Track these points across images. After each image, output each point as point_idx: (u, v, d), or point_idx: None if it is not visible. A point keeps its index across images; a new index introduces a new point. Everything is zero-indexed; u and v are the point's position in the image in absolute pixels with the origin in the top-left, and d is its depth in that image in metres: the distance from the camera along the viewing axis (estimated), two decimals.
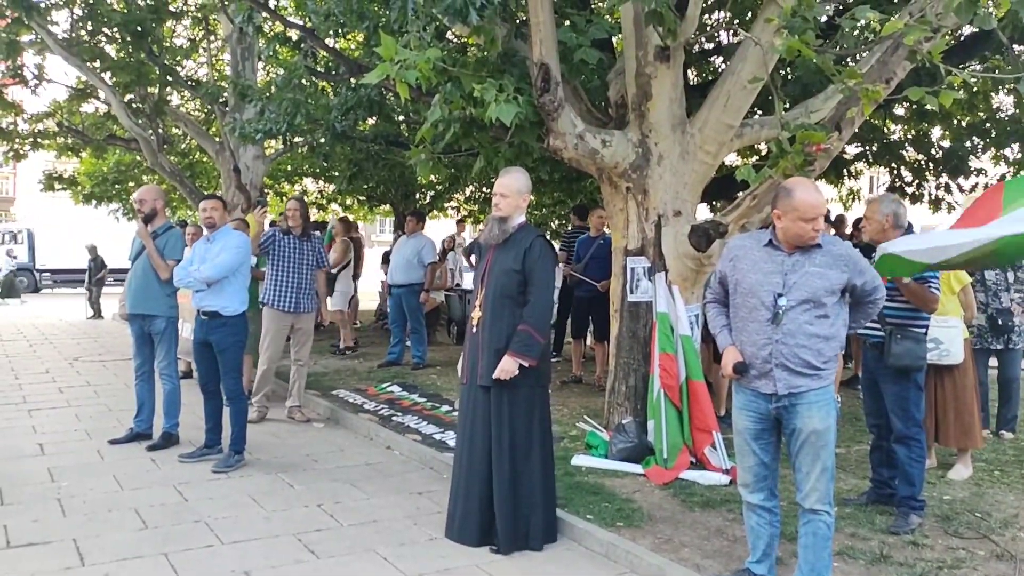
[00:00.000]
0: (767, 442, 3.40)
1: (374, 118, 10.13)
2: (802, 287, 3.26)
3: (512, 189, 4.18)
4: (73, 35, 11.75)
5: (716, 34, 8.90)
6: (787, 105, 6.36)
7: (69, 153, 15.30)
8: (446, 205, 14.99)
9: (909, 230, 4.48)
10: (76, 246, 20.77)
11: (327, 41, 9.30)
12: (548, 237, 4.27)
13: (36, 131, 14.41)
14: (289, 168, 15.67)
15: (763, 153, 9.70)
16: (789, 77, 7.61)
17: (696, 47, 8.79)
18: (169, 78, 12.16)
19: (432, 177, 8.74)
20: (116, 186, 16.36)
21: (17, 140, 14.21)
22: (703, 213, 6.77)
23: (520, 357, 3.99)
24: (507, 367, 3.97)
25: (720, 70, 8.18)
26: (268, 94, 9.50)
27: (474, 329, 4.21)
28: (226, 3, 11.21)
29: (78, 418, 7.03)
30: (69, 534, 4.23)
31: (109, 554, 3.98)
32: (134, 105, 12.50)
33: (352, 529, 4.39)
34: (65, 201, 19.03)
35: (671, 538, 4.11)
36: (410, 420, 6.59)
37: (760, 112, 7.87)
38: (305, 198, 17.13)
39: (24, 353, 11.18)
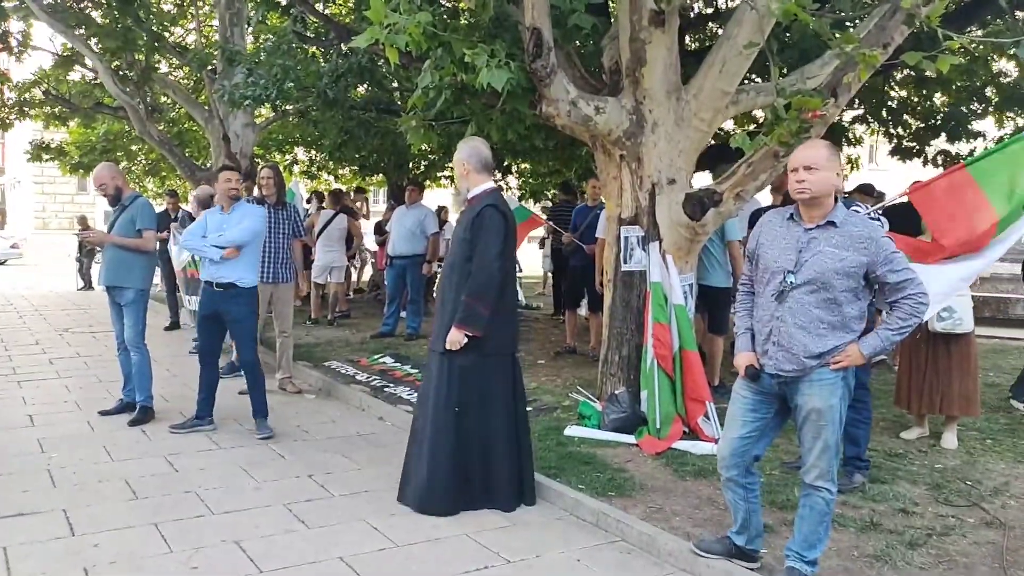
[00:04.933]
0: (759, 418, 3.30)
1: (365, 85, 10.02)
2: (812, 266, 3.09)
3: (456, 160, 4.32)
4: (58, 0, 11.54)
5: None
6: (784, 71, 6.28)
7: (56, 123, 15.12)
8: (439, 175, 14.85)
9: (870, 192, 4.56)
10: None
11: (317, 6, 9.17)
12: (505, 205, 4.23)
13: (22, 99, 14.21)
14: (280, 137, 15.51)
15: (760, 120, 9.62)
16: (787, 42, 7.50)
17: (692, 12, 8.67)
18: (157, 44, 11.97)
19: (425, 146, 8.62)
20: (105, 155, 16.15)
21: (4, 109, 14.02)
22: (702, 180, 6.69)
23: (464, 328, 4.04)
24: (453, 338, 4.06)
25: (717, 35, 8.06)
26: (257, 60, 9.34)
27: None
28: None
29: (68, 389, 6.99)
30: (59, 504, 4.21)
31: (99, 524, 3.96)
32: (121, 72, 12.32)
33: (343, 499, 4.38)
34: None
35: (662, 507, 4.11)
36: (402, 391, 6.57)
37: (757, 78, 7.78)
38: (296, 167, 17.11)
39: (14, 325, 11.11)
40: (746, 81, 6.47)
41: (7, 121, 14.49)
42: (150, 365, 5.98)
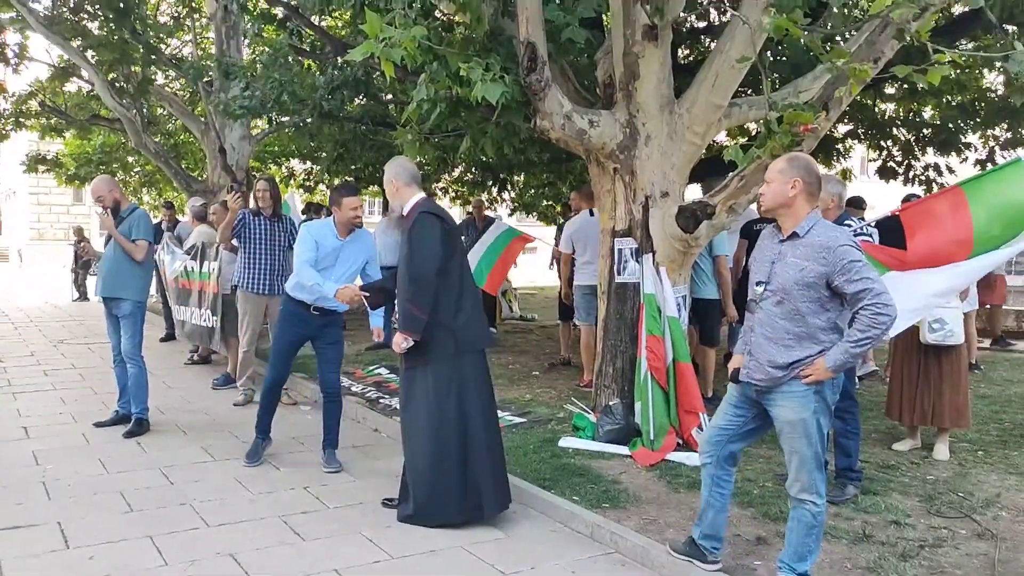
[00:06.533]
0: (739, 415, 3.41)
1: (361, 98, 10.06)
2: (777, 277, 3.20)
3: (385, 180, 4.47)
4: (55, 12, 11.59)
5: (706, 12, 8.85)
6: (776, 84, 6.34)
7: (52, 134, 15.14)
8: (434, 186, 14.90)
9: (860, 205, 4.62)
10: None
11: (313, 19, 9.21)
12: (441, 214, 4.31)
13: (18, 111, 14.23)
14: (276, 149, 15.56)
15: (752, 133, 9.68)
16: (779, 57, 7.57)
17: (685, 26, 8.74)
18: (153, 57, 12.01)
19: (419, 158, 8.68)
20: (101, 167, 16.18)
21: (0, 120, 14.05)
22: (693, 193, 6.74)
23: (405, 332, 4.12)
24: (396, 341, 4.15)
25: (709, 49, 8.14)
26: (253, 72, 9.38)
27: None
28: None
29: (63, 401, 6.99)
30: (54, 517, 4.22)
31: (94, 537, 3.96)
32: (118, 84, 12.36)
33: (338, 511, 4.39)
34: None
35: (656, 519, 4.12)
36: (397, 402, 6.55)
37: (749, 92, 7.84)
38: (293, 180, 17.14)
39: (9, 335, 11.10)
40: (739, 94, 6.54)
41: (3, 132, 14.50)
42: (147, 377, 5.99)
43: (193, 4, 13.79)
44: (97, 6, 11.45)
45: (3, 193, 41.26)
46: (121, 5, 10.99)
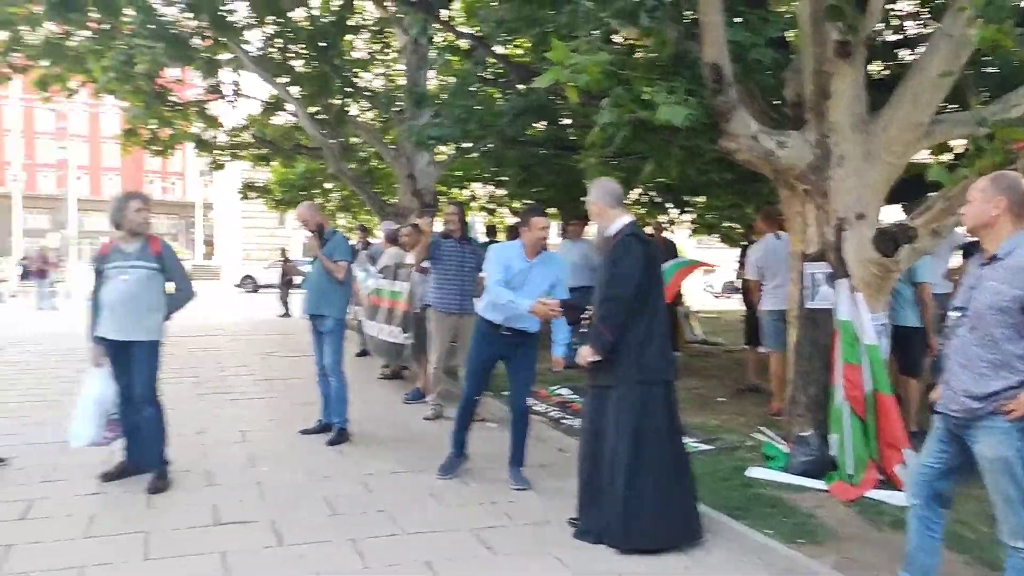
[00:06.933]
0: (944, 450, 3.22)
1: (544, 122, 10.31)
2: (974, 302, 3.04)
3: (589, 203, 4.53)
4: (265, 52, 12.71)
5: (901, 26, 8.37)
6: (984, 99, 5.91)
7: (262, 163, 16.54)
8: None
9: None
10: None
11: (496, 48, 9.56)
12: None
13: (233, 143, 15.67)
14: (459, 173, 16.19)
15: (957, 152, 9.03)
16: (985, 69, 7.04)
17: (879, 39, 8.31)
18: (349, 89, 12.88)
19: None
20: (303, 193, 17.49)
21: (217, 151, 15.52)
22: (890, 214, 6.39)
23: (592, 348, 4.22)
24: (582, 353, 4.28)
25: (906, 63, 7.70)
26: (440, 100, 9.85)
27: None
28: (401, 16, 11.78)
29: (273, 409, 7.62)
30: (268, 516, 4.60)
31: (303, 536, 4.29)
32: (318, 116, 13.34)
33: (527, 528, 4.50)
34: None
35: (856, 558, 3.92)
36: (579, 423, 6.62)
37: (952, 108, 7.33)
38: (473, 203, 17.75)
39: (225, 347, 12.22)
40: (940, 110, 6.14)
41: (219, 163, 16.01)
42: (347, 390, 6.42)
43: (385, 39, 14.68)
44: (302, 46, 12.47)
45: (216, 219, 45.44)
46: (322, 43, 11.93)
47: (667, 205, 13.38)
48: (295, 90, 12.91)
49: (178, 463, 5.37)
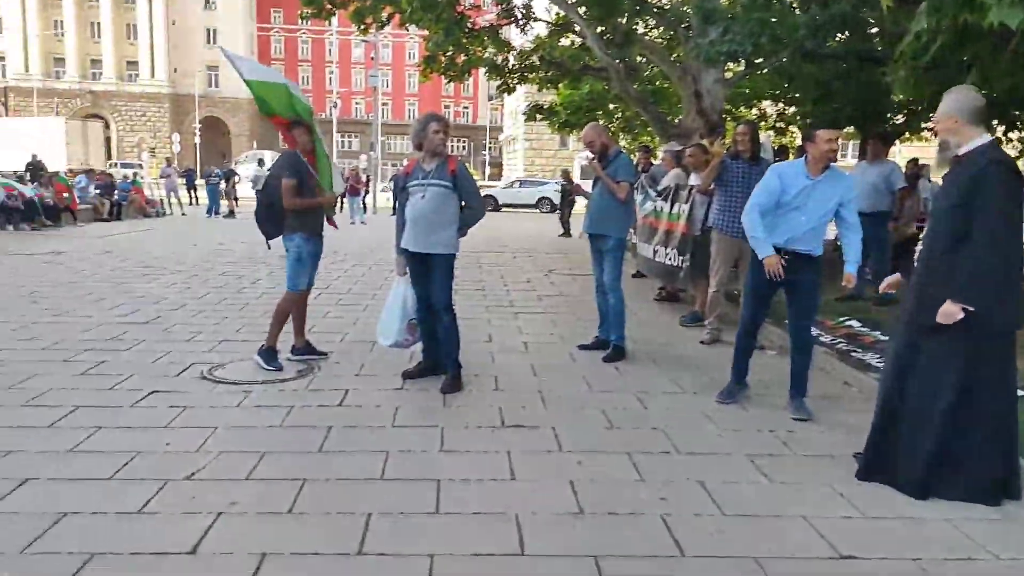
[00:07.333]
0: None
1: (845, 34, 9.45)
2: None
3: (941, 113, 3.88)
4: None
5: None
6: None
7: (548, 85, 16.89)
8: (924, 126, 13.43)
9: None
10: None
11: None
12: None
13: (523, 65, 16.14)
14: (748, 91, 15.42)
15: None
16: None
17: None
18: (638, 8, 12.65)
19: (910, 96, 7.93)
20: (587, 114, 17.68)
21: (508, 75, 16.08)
22: None
23: (961, 302, 3.69)
24: (947, 310, 3.72)
25: None
26: (732, 15, 9.36)
27: None
28: None
29: (553, 323, 7.95)
30: (548, 422, 4.85)
31: (580, 444, 4.47)
32: (605, 36, 13.29)
33: (806, 459, 4.33)
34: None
35: None
36: (871, 357, 6.20)
37: None
38: (762, 122, 16.88)
39: (507, 264, 12.89)
40: None
41: (510, 86, 16.59)
42: (624, 308, 6.51)
43: None
44: None
45: (504, 141, 47.53)
46: None
47: (992, 122, 11.76)
48: (583, 11, 12.94)
49: (468, 368, 5.80)
